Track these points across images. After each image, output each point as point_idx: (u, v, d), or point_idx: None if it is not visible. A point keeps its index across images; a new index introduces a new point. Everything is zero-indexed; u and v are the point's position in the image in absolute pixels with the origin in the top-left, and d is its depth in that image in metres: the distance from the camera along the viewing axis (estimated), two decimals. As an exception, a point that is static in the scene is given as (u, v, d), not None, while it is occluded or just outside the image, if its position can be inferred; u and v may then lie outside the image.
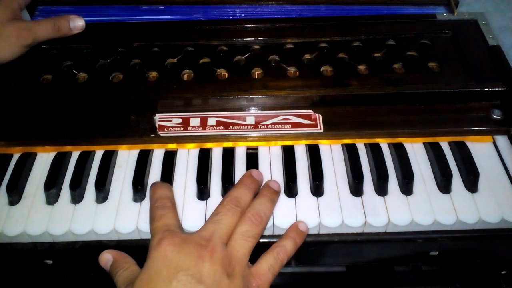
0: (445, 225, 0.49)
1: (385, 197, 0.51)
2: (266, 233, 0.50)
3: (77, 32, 0.62)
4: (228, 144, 0.56)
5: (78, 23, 0.62)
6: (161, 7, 0.68)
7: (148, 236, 0.50)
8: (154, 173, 0.54)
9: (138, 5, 0.68)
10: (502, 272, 0.59)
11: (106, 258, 0.47)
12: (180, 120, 0.56)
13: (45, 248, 0.51)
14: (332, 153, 0.55)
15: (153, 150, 0.56)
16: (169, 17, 0.68)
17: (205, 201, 0.52)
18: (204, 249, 0.41)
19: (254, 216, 0.46)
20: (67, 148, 0.56)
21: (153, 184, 0.50)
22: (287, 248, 0.46)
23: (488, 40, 0.62)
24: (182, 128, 0.56)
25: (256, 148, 0.56)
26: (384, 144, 0.56)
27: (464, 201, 0.51)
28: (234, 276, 0.41)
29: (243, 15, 0.67)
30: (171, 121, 0.56)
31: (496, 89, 0.56)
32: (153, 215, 0.46)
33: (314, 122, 0.56)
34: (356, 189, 0.51)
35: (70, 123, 0.56)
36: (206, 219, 0.50)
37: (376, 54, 0.61)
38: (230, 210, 0.45)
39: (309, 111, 0.57)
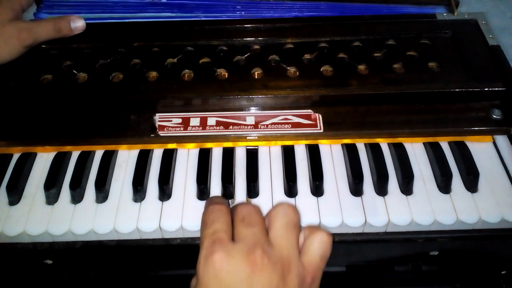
0: (445, 225, 0.49)
1: (385, 197, 0.51)
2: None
3: (78, 33, 0.63)
4: (228, 144, 0.56)
5: (78, 24, 0.62)
6: (163, 0, 0.68)
7: (148, 236, 0.51)
8: (154, 173, 0.54)
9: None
10: (502, 272, 0.59)
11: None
12: (180, 120, 0.56)
13: (45, 248, 0.51)
14: (332, 153, 0.55)
15: (153, 150, 0.56)
16: (169, 13, 0.67)
17: (205, 201, 0.51)
18: (254, 258, 0.37)
19: (287, 205, 0.41)
20: (67, 148, 0.56)
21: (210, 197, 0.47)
22: (327, 233, 0.41)
23: (488, 40, 0.62)
24: (182, 128, 0.56)
25: (256, 148, 0.56)
26: (384, 144, 0.56)
27: (464, 201, 0.51)
28: (290, 277, 0.37)
29: (243, 12, 0.67)
30: (171, 121, 0.56)
31: (496, 89, 0.56)
32: (205, 219, 0.41)
33: (314, 122, 0.56)
34: (356, 189, 0.51)
35: (70, 123, 0.56)
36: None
37: (376, 54, 0.61)
38: (252, 209, 0.41)
39: (309, 111, 0.57)
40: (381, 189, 0.51)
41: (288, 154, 0.55)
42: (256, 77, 0.59)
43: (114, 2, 0.69)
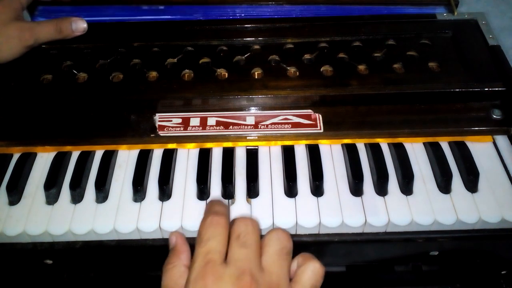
0: (445, 225, 0.49)
1: (385, 197, 0.51)
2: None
3: (79, 35, 0.62)
4: (228, 144, 0.56)
5: (80, 26, 0.62)
6: (161, 7, 0.68)
7: (148, 236, 0.51)
8: (154, 173, 0.54)
9: (138, 5, 0.68)
10: (502, 272, 0.59)
11: (171, 241, 0.43)
12: (180, 120, 0.56)
13: (45, 248, 0.51)
14: (332, 153, 0.55)
15: (153, 150, 0.56)
16: (169, 17, 0.68)
17: (205, 201, 0.52)
18: (243, 285, 0.36)
19: (281, 231, 0.41)
20: (67, 148, 0.56)
21: (212, 201, 0.46)
22: (320, 263, 0.41)
23: (488, 40, 0.62)
24: (182, 128, 0.56)
25: (256, 148, 0.56)
26: (384, 144, 0.56)
27: (464, 201, 0.51)
28: None
29: (243, 15, 0.67)
30: (171, 121, 0.56)
31: (496, 89, 0.56)
32: (202, 233, 0.40)
33: (314, 122, 0.56)
34: (356, 189, 0.51)
35: (70, 123, 0.56)
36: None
37: (376, 54, 0.61)
38: (250, 227, 0.40)
39: (309, 111, 0.57)
40: (381, 189, 0.51)
41: (288, 154, 0.55)
42: (256, 77, 0.59)
43: (111, 9, 0.68)
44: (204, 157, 0.55)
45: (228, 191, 0.52)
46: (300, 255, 0.41)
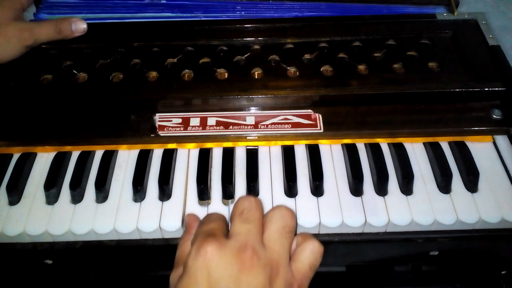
0: (445, 225, 0.49)
1: (385, 197, 0.51)
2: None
3: (79, 35, 0.63)
4: (228, 144, 0.56)
5: (80, 26, 0.62)
6: (163, 1, 0.68)
7: (148, 236, 0.51)
8: (154, 173, 0.54)
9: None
10: (502, 272, 0.59)
11: (186, 222, 0.46)
12: (180, 120, 0.56)
13: (45, 248, 0.51)
14: (332, 153, 0.55)
15: (153, 150, 0.56)
16: (169, 14, 0.68)
17: (205, 201, 0.51)
18: (244, 257, 0.37)
19: (285, 208, 0.42)
20: (67, 148, 0.56)
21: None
22: (319, 243, 0.42)
23: (488, 40, 0.62)
24: (182, 128, 0.56)
25: (256, 148, 0.56)
26: (384, 144, 0.56)
27: (464, 201, 0.51)
28: (277, 281, 0.38)
29: (243, 13, 0.67)
30: (171, 121, 0.56)
31: (496, 89, 0.56)
32: (202, 221, 0.43)
33: (314, 122, 0.56)
34: (356, 189, 0.51)
35: (70, 123, 0.56)
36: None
37: (376, 54, 0.61)
38: (254, 204, 0.41)
39: (309, 111, 0.57)
40: (381, 189, 0.51)
41: (288, 154, 0.55)
42: (256, 77, 0.59)
43: (114, 2, 0.69)
44: (204, 157, 0.55)
45: (228, 191, 0.52)
46: (299, 235, 0.42)
